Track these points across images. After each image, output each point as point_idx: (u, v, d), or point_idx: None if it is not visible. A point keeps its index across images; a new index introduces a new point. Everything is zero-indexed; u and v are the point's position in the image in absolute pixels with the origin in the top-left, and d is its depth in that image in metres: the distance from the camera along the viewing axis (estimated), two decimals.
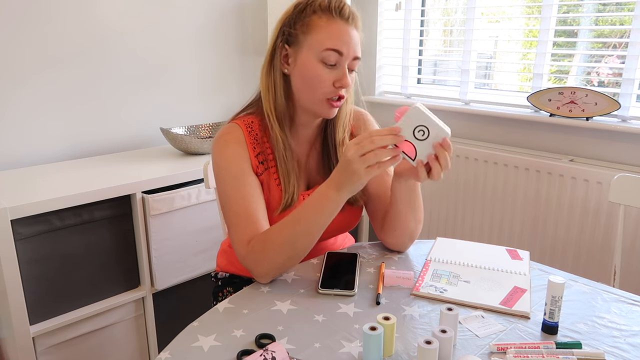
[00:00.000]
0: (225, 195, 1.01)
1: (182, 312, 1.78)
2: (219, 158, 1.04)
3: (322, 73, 0.98)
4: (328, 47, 0.97)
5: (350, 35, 0.98)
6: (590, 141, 1.84)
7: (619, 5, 1.79)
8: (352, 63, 1.00)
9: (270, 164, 1.06)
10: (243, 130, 1.05)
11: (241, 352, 0.76)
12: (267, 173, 1.06)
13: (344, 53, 0.97)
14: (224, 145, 1.04)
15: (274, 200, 1.06)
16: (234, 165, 1.02)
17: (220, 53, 2.23)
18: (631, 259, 1.69)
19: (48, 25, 1.72)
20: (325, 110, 1.02)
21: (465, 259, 1.08)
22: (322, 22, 0.97)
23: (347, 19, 0.98)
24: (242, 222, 0.98)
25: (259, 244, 0.94)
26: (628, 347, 0.80)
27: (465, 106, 2.15)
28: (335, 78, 0.99)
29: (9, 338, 1.44)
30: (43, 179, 1.56)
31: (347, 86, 1.00)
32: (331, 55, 0.97)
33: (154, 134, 2.06)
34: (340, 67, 0.99)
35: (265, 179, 1.06)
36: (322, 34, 0.97)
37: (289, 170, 1.04)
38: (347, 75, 0.99)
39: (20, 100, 1.71)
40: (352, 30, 0.98)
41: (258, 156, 1.05)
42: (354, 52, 0.99)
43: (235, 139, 1.04)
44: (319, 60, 0.98)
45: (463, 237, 2.14)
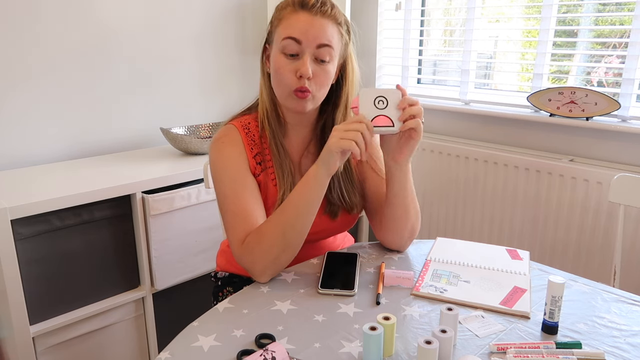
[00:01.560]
0: (223, 197, 1.02)
1: (182, 312, 1.78)
2: (216, 160, 1.04)
3: (283, 64, 0.98)
4: (285, 36, 0.97)
5: (312, 23, 0.96)
6: (590, 141, 1.84)
7: (619, 5, 1.79)
8: (318, 52, 0.97)
9: (268, 164, 1.07)
10: (240, 131, 1.06)
11: (241, 352, 0.76)
12: (265, 173, 1.07)
13: (302, 41, 0.96)
14: (221, 147, 1.05)
15: (271, 200, 1.07)
16: (231, 167, 1.03)
17: (220, 53, 2.23)
18: (631, 259, 1.69)
19: (48, 25, 1.72)
20: (294, 103, 1.00)
21: (465, 259, 1.08)
22: (286, 14, 0.99)
23: (310, 7, 0.96)
24: (239, 223, 0.99)
25: (253, 239, 0.96)
26: (628, 347, 0.80)
27: (465, 106, 2.15)
28: (296, 68, 0.97)
29: (9, 338, 1.44)
30: (43, 179, 1.56)
31: (306, 75, 0.96)
32: (289, 44, 0.96)
33: (154, 134, 2.06)
34: (301, 57, 0.97)
35: (263, 179, 1.06)
36: (283, 25, 0.98)
37: (283, 169, 1.05)
38: (306, 63, 0.96)
39: (20, 100, 1.71)
40: (317, 19, 0.96)
41: (256, 157, 1.06)
42: (315, 39, 0.96)
43: (232, 140, 1.05)
44: (280, 51, 0.98)
45: (463, 237, 2.13)
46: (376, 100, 0.91)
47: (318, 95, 1.02)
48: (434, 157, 2.19)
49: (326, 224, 1.12)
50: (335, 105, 1.09)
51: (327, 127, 1.09)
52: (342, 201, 1.10)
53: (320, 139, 1.11)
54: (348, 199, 1.10)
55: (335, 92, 1.08)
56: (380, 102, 0.91)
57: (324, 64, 0.99)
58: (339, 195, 1.09)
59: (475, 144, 2.10)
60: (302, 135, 1.11)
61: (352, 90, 1.08)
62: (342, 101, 1.08)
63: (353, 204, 1.11)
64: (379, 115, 0.91)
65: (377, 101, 0.91)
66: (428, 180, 2.24)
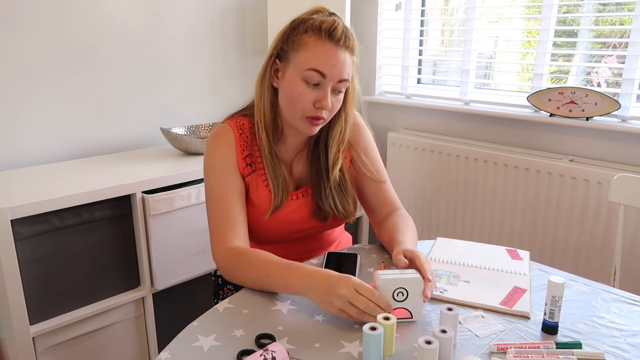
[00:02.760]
0: (211, 193, 1.05)
1: (182, 312, 1.78)
2: (208, 157, 1.08)
3: (303, 92, 0.99)
4: (311, 67, 0.97)
5: (337, 58, 0.97)
6: (590, 141, 1.84)
7: (619, 5, 1.79)
8: (337, 85, 1.00)
9: (258, 166, 1.09)
10: (234, 131, 1.08)
11: (241, 352, 0.76)
12: (255, 175, 1.08)
13: (326, 75, 0.97)
14: (214, 145, 1.08)
15: (262, 201, 1.08)
16: (221, 166, 1.05)
17: (221, 53, 2.23)
18: (631, 259, 1.69)
19: (48, 25, 1.72)
20: (306, 128, 1.03)
21: (465, 259, 1.08)
22: (311, 42, 0.98)
23: (337, 41, 0.97)
24: (222, 224, 1.02)
25: (232, 262, 0.97)
26: (628, 347, 0.80)
27: (465, 106, 2.15)
28: (316, 98, 0.99)
29: (9, 338, 1.44)
30: (43, 179, 1.56)
31: (326, 108, 1.00)
32: (313, 75, 0.97)
33: (154, 134, 2.06)
34: (322, 88, 0.99)
35: (253, 180, 1.08)
36: (308, 54, 0.97)
37: (277, 175, 1.07)
38: (327, 97, 0.99)
39: (20, 100, 1.71)
40: (341, 53, 0.98)
41: (246, 158, 1.08)
42: (339, 75, 0.98)
43: (225, 140, 1.07)
44: (302, 78, 0.98)
45: (463, 237, 2.14)
46: (395, 292, 0.84)
47: (328, 120, 1.05)
48: (434, 157, 2.19)
49: (316, 223, 1.14)
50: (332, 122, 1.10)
51: (321, 138, 1.12)
52: (334, 210, 1.11)
53: (314, 148, 1.13)
54: (341, 209, 1.12)
55: None
56: (400, 293, 0.84)
57: (340, 94, 1.03)
58: (330, 205, 1.11)
59: (475, 144, 2.10)
60: (296, 143, 1.13)
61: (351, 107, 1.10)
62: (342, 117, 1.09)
63: (347, 212, 1.13)
64: (398, 308, 0.85)
65: (397, 293, 0.84)
66: (428, 180, 2.24)
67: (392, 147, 2.36)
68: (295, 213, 1.11)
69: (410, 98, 2.38)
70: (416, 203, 2.31)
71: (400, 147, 2.32)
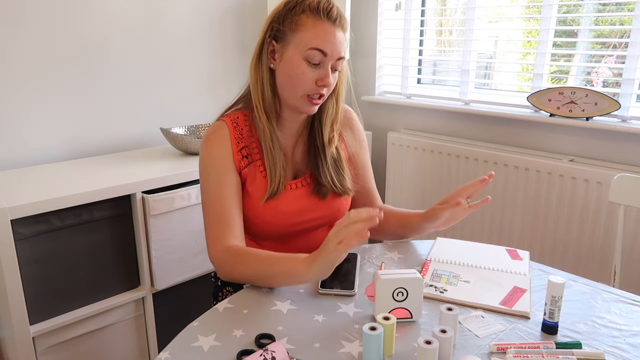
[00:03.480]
0: (207, 195, 1.06)
1: (182, 312, 1.78)
2: (203, 158, 1.08)
3: (305, 71, 1.01)
4: (313, 46, 1.00)
5: (336, 37, 1.01)
6: (590, 141, 1.84)
7: (619, 5, 1.79)
8: (335, 63, 1.03)
9: (255, 157, 1.10)
10: (228, 125, 1.10)
11: (241, 352, 0.76)
12: (252, 166, 1.09)
13: (328, 53, 1.00)
14: (208, 145, 1.08)
15: (258, 191, 1.09)
16: (217, 166, 1.07)
17: (220, 53, 2.23)
18: (631, 259, 1.69)
19: (48, 25, 1.72)
20: (306, 107, 1.05)
21: (465, 259, 1.08)
22: (310, 22, 1.00)
23: (334, 20, 1.01)
24: (219, 224, 1.03)
25: (231, 260, 0.99)
26: (628, 347, 0.80)
27: (465, 106, 2.15)
28: (318, 77, 1.02)
29: (9, 338, 1.44)
30: (43, 179, 1.56)
31: (329, 85, 1.03)
32: (315, 54, 1.00)
33: (154, 134, 2.06)
34: (323, 66, 1.02)
35: (250, 172, 1.09)
36: (309, 34, 1.00)
37: (275, 161, 1.08)
38: (329, 74, 1.02)
39: (20, 100, 1.71)
40: (338, 32, 1.02)
41: (242, 150, 1.09)
42: (338, 53, 1.02)
43: (220, 137, 1.08)
44: (304, 58, 1.01)
45: (463, 237, 2.13)
46: (395, 292, 0.84)
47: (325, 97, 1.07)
48: (434, 157, 2.19)
49: (315, 204, 1.13)
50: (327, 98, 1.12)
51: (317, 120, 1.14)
52: (332, 184, 1.13)
53: (310, 129, 1.16)
54: (339, 184, 1.14)
55: None
56: (400, 293, 0.84)
57: (336, 72, 1.06)
58: (329, 181, 1.13)
59: (475, 144, 2.10)
60: (295, 127, 1.14)
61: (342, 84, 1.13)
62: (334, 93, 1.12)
63: (344, 188, 1.15)
64: (398, 308, 0.85)
65: (397, 293, 0.84)
66: (428, 180, 2.24)
67: (392, 147, 2.36)
68: (294, 203, 1.11)
69: (410, 98, 2.38)
70: (416, 203, 2.31)
71: (400, 147, 2.32)
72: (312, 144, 1.15)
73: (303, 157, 1.16)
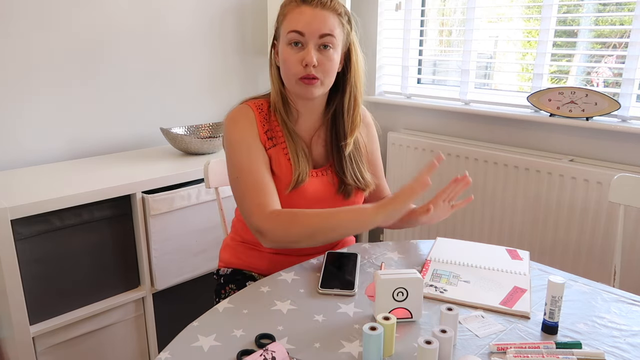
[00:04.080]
0: (239, 167, 1.06)
1: (182, 312, 1.78)
2: (231, 134, 1.09)
3: (289, 55, 1.05)
4: (290, 29, 1.04)
5: (313, 16, 1.03)
6: (590, 141, 1.84)
7: (619, 5, 1.79)
8: (320, 41, 1.04)
9: (279, 140, 1.12)
10: (253, 109, 1.12)
11: (241, 352, 0.76)
12: (277, 148, 1.11)
13: (304, 32, 1.03)
14: (236, 121, 1.10)
15: (284, 174, 1.10)
16: (247, 140, 1.08)
17: (220, 53, 2.23)
18: (631, 259, 1.69)
19: (48, 25, 1.72)
20: (303, 91, 1.06)
21: (465, 259, 1.08)
22: (289, 10, 1.06)
23: (310, 2, 1.04)
24: (259, 192, 1.04)
25: (285, 220, 1.00)
26: (628, 347, 0.80)
27: (465, 106, 2.15)
28: (302, 57, 1.04)
29: (9, 338, 1.44)
30: (43, 179, 1.56)
31: (310, 63, 1.03)
32: (294, 36, 1.03)
33: (154, 134, 2.06)
34: (305, 46, 1.04)
35: (274, 153, 1.11)
36: (287, 20, 1.05)
37: (297, 150, 1.10)
38: (310, 52, 1.03)
39: (20, 100, 1.71)
40: (318, 11, 1.03)
41: (267, 132, 1.11)
42: (318, 30, 1.03)
43: (246, 115, 1.11)
44: (287, 44, 1.05)
45: (463, 237, 2.14)
46: (395, 292, 0.84)
47: (326, 82, 1.07)
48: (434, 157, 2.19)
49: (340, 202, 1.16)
50: (342, 92, 1.14)
51: (337, 114, 1.15)
52: (356, 181, 1.15)
53: (331, 125, 1.17)
54: (362, 178, 1.16)
55: (341, 79, 1.14)
56: (400, 293, 0.84)
57: (327, 52, 1.05)
58: (352, 176, 1.15)
59: (475, 144, 2.10)
60: (311, 122, 1.16)
61: (358, 76, 1.13)
62: (349, 87, 1.13)
63: (367, 182, 1.17)
64: (398, 308, 0.85)
65: (397, 293, 0.84)
66: None
67: (392, 147, 2.36)
68: (317, 191, 1.13)
69: (410, 98, 2.38)
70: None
71: (400, 147, 2.32)
72: (334, 135, 1.16)
73: (322, 152, 1.18)
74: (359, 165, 1.17)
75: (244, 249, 1.23)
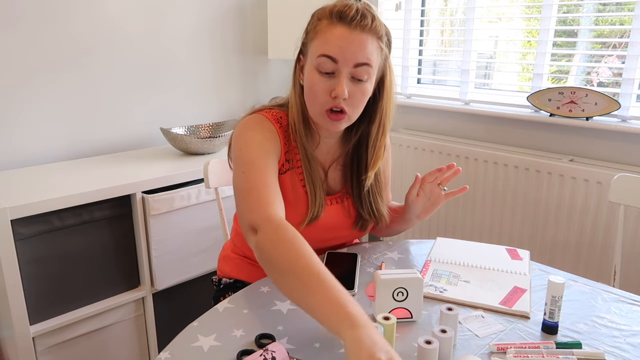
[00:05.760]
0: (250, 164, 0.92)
1: (182, 312, 1.78)
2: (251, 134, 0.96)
3: (318, 82, 0.91)
4: (321, 53, 0.90)
5: (350, 40, 0.89)
6: (590, 141, 1.84)
7: (619, 5, 1.79)
8: (354, 71, 0.90)
9: (296, 164, 1.02)
10: (274, 125, 1.00)
11: (241, 352, 0.76)
12: (292, 173, 1.02)
13: (338, 59, 0.89)
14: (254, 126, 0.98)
15: (300, 204, 1.02)
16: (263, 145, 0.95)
17: (220, 53, 2.23)
18: (631, 259, 1.69)
19: (48, 25, 1.72)
20: (327, 124, 0.95)
21: (465, 259, 1.08)
22: (322, 28, 0.91)
23: (349, 21, 0.89)
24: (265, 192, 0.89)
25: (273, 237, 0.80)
26: (628, 347, 0.80)
27: (465, 106, 2.15)
28: (331, 87, 0.91)
29: (9, 338, 1.44)
30: (43, 179, 1.56)
31: (341, 96, 0.90)
32: (325, 62, 0.90)
33: (154, 134, 2.06)
34: (337, 75, 0.91)
35: (289, 178, 1.02)
36: (319, 40, 0.91)
37: (314, 181, 1.00)
38: (342, 84, 0.90)
39: (20, 100, 1.71)
40: (356, 34, 0.89)
41: (286, 154, 1.01)
42: (353, 58, 0.89)
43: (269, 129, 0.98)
44: (315, 67, 0.92)
45: (463, 237, 2.14)
46: (395, 292, 0.83)
47: (353, 116, 0.96)
48: (434, 157, 2.19)
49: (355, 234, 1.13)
50: (371, 120, 1.02)
51: (361, 143, 1.04)
52: (372, 215, 1.09)
53: (354, 154, 1.07)
54: (377, 212, 1.09)
55: (371, 105, 1.01)
56: (400, 293, 0.83)
57: (361, 83, 0.93)
58: (369, 210, 1.08)
59: (475, 144, 2.10)
60: (332, 147, 1.07)
61: (389, 104, 1.01)
62: (379, 115, 1.01)
63: (382, 216, 1.10)
64: (398, 308, 0.84)
65: (397, 293, 0.83)
66: None
67: (392, 147, 2.36)
68: (331, 221, 1.06)
69: (410, 98, 2.38)
70: None
71: (400, 147, 2.32)
72: (353, 170, 1.07)
73: (339, 178, 1.10)
74: (376, 198, 1.08)
75: (246, 264, 1.18)
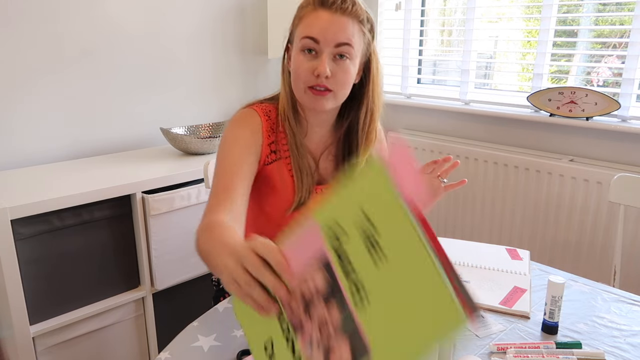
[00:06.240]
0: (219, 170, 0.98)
1: (182, 312, 1.78)
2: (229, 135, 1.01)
3: (301, 62, 0.97)
4: (304, 34, 0.96)
5: (331, 22, 0.94)
6: (590, 141, 1.84)
7: (619, 5, 1.79)
8: (336, 50, 0.95)
9: (283, 154, 1.04)
10: (261, 117, 1.04)
11: (241, 352, 0.76)
12: (281, 163, 1.04)
13: (319, 39, 0.95)
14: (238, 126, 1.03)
15: (286, 192, 1.04)
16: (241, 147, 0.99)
17: (220, 53, 2.23)
18: (631, 259, 1.69)
19: (48, 26, 1.72)
20: (312, 102, 0.99)
21: (465, 259, 1.08)
22: (306, 13, 0.97)
23: (330, 5, 0.95)
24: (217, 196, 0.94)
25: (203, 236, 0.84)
26: (628, 347, 0.80)
27: (465, 106, 2.15)
28: (314, 66, 0.96)
29: (9, 338, 1.44)
30: (43, 179, 1.56)
31: (323, 73, 0.95)
32: (307, 43, 0.96)
33: (154, 134, 2.06)
34: (319, 54, 0.96)
35: (277, 168, 1.04)
36: (303, 24, 0.97)
37: (301, 168, 1.03)
38: (323, 62, 0.95)
39: (20, 101, 1.71)
40: (336, 17, 0.95)
41: (271, 145, 1.03)
42: (334, 38, 0.95)
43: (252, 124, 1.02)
44: (300, 50, 0.97)
45: (463, 237, 2.13)
46: None
47: (339, 95, 1.00)
48: (434, 157, 2.18)
49: None
50: (359, 106, 1.06)
51: (351, 129, 1.08)
52: None
53: (344, 141, 1.09)
54: None
55: (358, 91, 1.06)
56: None
57: (343, 62, 0.97)
58: None
59: (475, 144, 2.10)
60: (322, 135, 1.09)
61: (376, 89, 1.06)
62: (366, 101, 1.05)
63: None
64: None
65: None
66: None
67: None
68: None
69: (410, 98, 2.38)
70: None
71: None
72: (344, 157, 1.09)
73: (331, 167, 1.11)
74: None
75: None
